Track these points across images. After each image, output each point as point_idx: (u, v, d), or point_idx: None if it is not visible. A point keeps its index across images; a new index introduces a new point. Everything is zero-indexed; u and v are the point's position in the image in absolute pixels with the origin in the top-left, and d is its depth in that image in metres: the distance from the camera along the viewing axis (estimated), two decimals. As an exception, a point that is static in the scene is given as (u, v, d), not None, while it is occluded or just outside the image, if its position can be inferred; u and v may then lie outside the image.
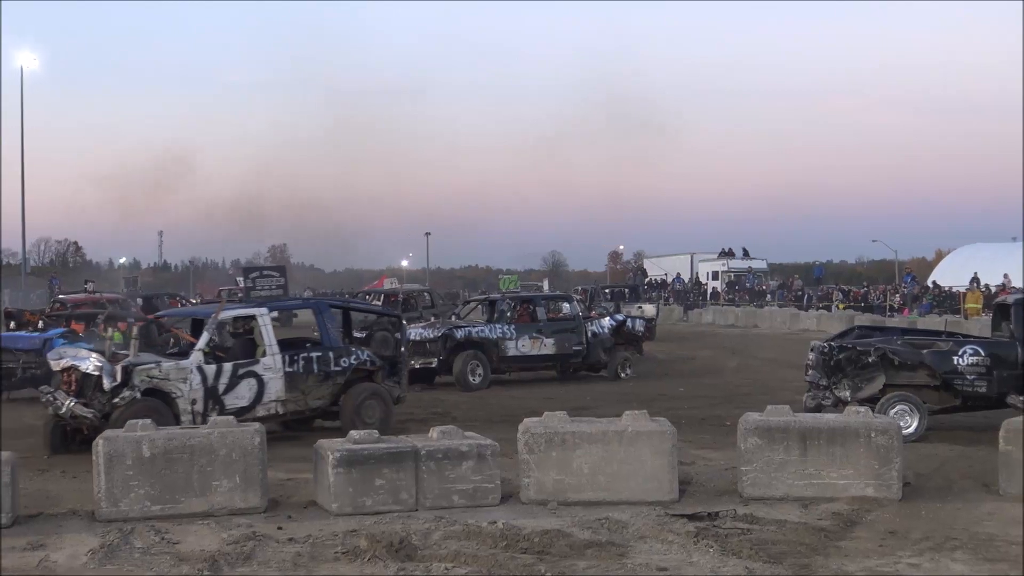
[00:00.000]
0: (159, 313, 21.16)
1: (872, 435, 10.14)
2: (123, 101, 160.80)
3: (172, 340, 17.64)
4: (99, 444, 9.55)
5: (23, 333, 21.38)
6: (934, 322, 36.09)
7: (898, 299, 48.19)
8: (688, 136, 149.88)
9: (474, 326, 23.23)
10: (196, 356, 14.46)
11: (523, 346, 23.29)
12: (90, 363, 14.04)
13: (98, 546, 8.53)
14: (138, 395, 13.83)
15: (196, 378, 14.30)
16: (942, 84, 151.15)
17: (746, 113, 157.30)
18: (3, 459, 9.36)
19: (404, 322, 18.86)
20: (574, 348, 24.11)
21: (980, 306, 40.17)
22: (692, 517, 9.43)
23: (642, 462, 10.12)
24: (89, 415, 13.62)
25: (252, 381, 14.74)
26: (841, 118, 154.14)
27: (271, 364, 14.93)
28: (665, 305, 52.11)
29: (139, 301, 30.92)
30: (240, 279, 52.90)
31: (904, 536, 8.87)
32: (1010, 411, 13.40)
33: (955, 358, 14.45)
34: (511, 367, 23.53)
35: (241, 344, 15.48)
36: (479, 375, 22.32)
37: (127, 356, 14.36)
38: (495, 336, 23.09)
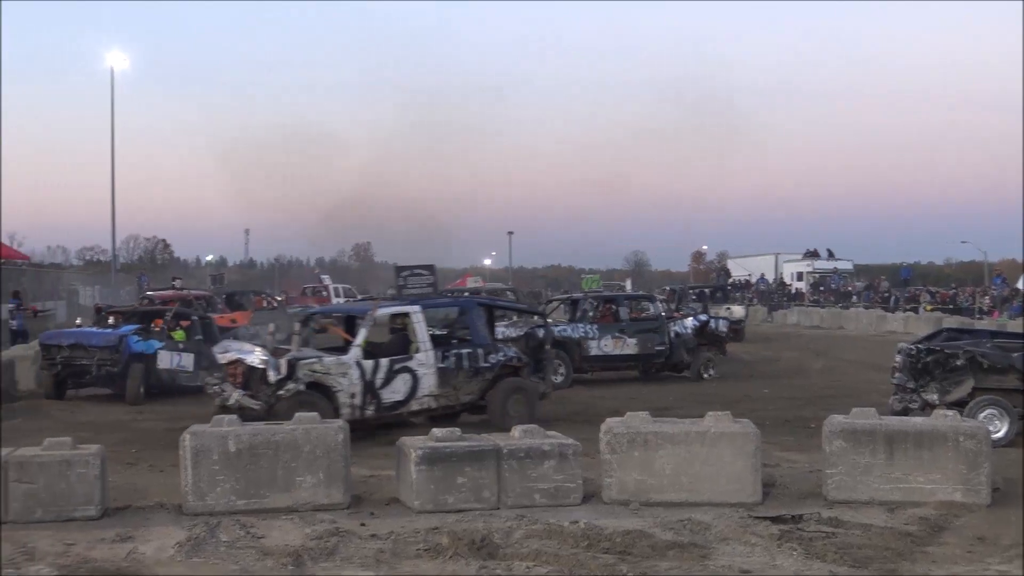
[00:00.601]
0: (314, 310, 21.40)
1: (960, 439, 9.97)
2: (211, 101, 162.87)
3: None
4: (186, 439, 9.68)
5: (97, 330, 21.44)
6: (1025, 325, 35.41)
7: (987, 301, 47.37)
8: (772, 135, 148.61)
9: (556, 325, 23.23)
10: (355, 352, 14.99)
11: (605, 346, 23.26)
12: (256, 357, 14.71)
13: (185, 539, 8.65)
14: (302, 388, 14.41)
15: (355, 373, 14.82)
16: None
17: (831, 111, 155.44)
18: (93, 452, 9.55)
19: (549, 320, 19.65)
20: (656, 348, 24.03)
21: (1074, 309, 39.36)
22: (776, 520, 9.35)
23: (725, 463, 10.05)
24: (256, 406, 14.10)
25: (407, 376, 15.25)
26: (929, 116, 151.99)
27: (424, 360, 15.45)
28: (749, 306, 51.72)
29: (224, 297, 31.21)
30: (324, 276, 53.53)
31: (993, 542, 8.72)
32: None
33: (1047, 362, 14.17)
34: (593, 367, 23.51)
35: (395, 340, 15.97)
36: (561, 374, 22.27)
37: (289, 351, 15.05)
38: (577, 335, 23.10)
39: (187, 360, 20.89)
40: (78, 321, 23.60)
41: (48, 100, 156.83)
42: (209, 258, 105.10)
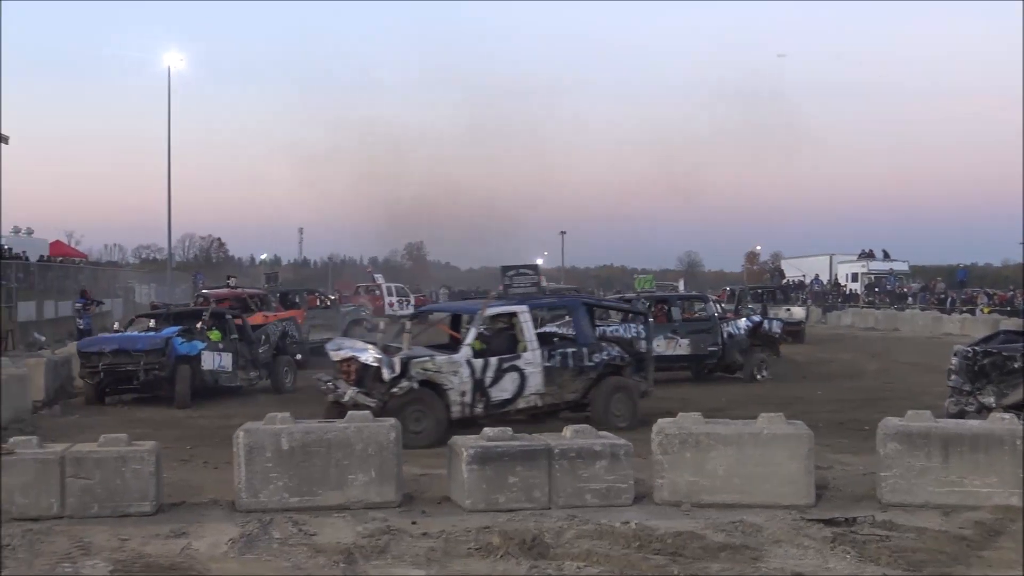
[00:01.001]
0: (421, 308, 21.43)
1: (1018, 443, 9.84)
2: (268, 100, 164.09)
3: (264, 337, 21.96)
4: (239, 436, 9.75)
5: (141, 333, 20.78)
6: (1084, 327, 34.94)
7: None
8: (828, 134, 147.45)
9: (609, 325, 23.17)
10: (466, 351, 15.33)
11: (657, 346, 23.17)
12: (369, 355, 15.02)
13: (238, 535, 8.73)
14: (415, 386, 14.72)
15: (466, 371, 15.13)
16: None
17: (886, 111, 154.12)
18: (148, 449, 9.65)
19: (650, 319, 19.97)
20: (709, 349, 23.93)
21: None
22: (829, 522, 9.29)
23: (778, 465, 10.00)
24: (371, 403, 14.18)
25: (515, 375, 15.52)
26: (985, 115, 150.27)
27: (532, 359, 15.72)
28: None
29: (277, 296, 31.42)
30: (377, 275, 53.74)
31: (1050, 547, 8.61)
32: None
33: (1107, 365, 13.98)
34: (645, 367, 23.41)
35: (503, 339, 16.05)
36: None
37: (399, 349, 15.31)
38: (629, 336, 23.01)
39: (227, 360, 20.76)
40: (115, 326, 22.91)
41: (106, 100, 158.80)
42: (263, 257, 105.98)
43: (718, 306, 29.20)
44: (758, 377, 23.89)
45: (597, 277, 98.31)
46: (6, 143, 35.30)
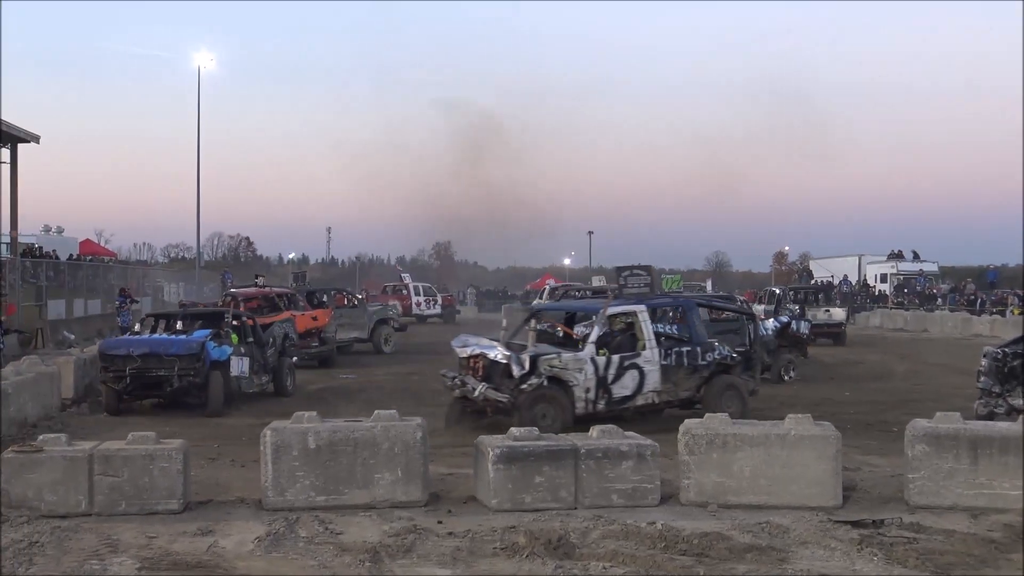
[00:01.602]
0: (541, 306, 21.39)
1: (1047, 445, 9.79)
2: (296, 101, 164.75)
3: (272, 339, 20.95)
4: (266, 435, 9.79)
5: (174, 337, 19.04)
6: (1115, 329, 34.69)
7: (1077, 304, 46.45)
8: (857, 135, 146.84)
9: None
10: (590, 348, 15.69)
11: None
12: (499, 352, 15.42)
13: (264, 534, 8.76)
14: (545, 382, 15.10)
15: (590, 368, 15.49)
16: None
17: (916, 111, 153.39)
18: (175, 447, 9.69)
19: (758, 319, 20.26)
20: (736, 349, 23.82)
21: None
22: (856, 524, 9.25)
23: (805, 466, 9.96)
24: (504, 399, 14.93)
25: (635, 372, 15.87)
26: (1014, 114, 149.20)
27: (650, 357, 16.08)
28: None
29: (305, 295, 31.48)
30: (405, 275, 53.79)
31: (1080, 551, 8.55)
32: None
33: None
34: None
35: (622, 338, 16.39)
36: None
37: (522, 346, 15.82)
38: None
39: (246, 365, 19.69)
40: (136, 328, 20.99)
41: (137, 100, 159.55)
42: (291, 256, 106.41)
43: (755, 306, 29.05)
44: (786, 378, 23.76)
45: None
46: (36, 142, 35.48)
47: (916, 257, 65.80)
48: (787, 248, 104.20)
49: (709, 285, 59.89)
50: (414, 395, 20.75)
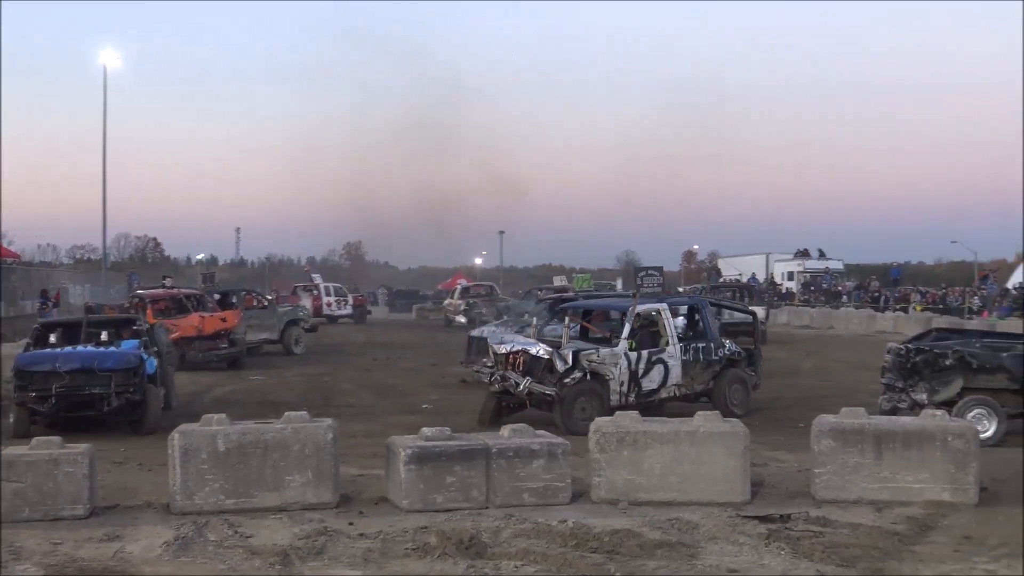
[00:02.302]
0: (564, 304, 21.35)
1: (949, 439, 10.00)
2: (205, 100, 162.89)
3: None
4: (175, 438, 9.67)
5: (106, 349, 16.93)
6: (1014, 325, 35.41)
7: (977, 301, 47.47)
8: (764, 134, 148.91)
9: (547, 325, 23.17)
10: (623, 344, 16.55)
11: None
12: (541, 348, 16.20)
13: (172, 538, 8.64)
14: (588, 376, 15.92)
15: (624, 363, 16.34)
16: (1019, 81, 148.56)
17: (823, 111, 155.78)
18: (81, 451, 9.53)
19: (758, 318, 21.73)
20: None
21: (1063, 309, 39.48)
22: (764, 519, 9.36)
23: (714, 463, 10.07)
24: (551, 391, 15.65)
25: (661, 367, 16.80)
26: (920, 116, 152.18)
27: (673, 352, 17.03)
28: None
29: (214, 296, 31.15)
30: (315, 275, 53.43)
31: (980, 542, 8.74)
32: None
33: (1035, 361, 14.21)
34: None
35: (644, 334, 17.19)
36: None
37: (557, 343, 16.49)
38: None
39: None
40: (28, 341, 18.12)
41: (40, 99, 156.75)
42: (200, 257, 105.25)
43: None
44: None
45: (535, 276, 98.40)
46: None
47: (822, 255, 66.88)
48: (696, 247, 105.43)
49: (619, 284, 60.32)
50: (325, 396, 20.66)
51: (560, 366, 15.75)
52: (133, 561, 8.17)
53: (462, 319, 42.94)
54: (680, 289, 58.99)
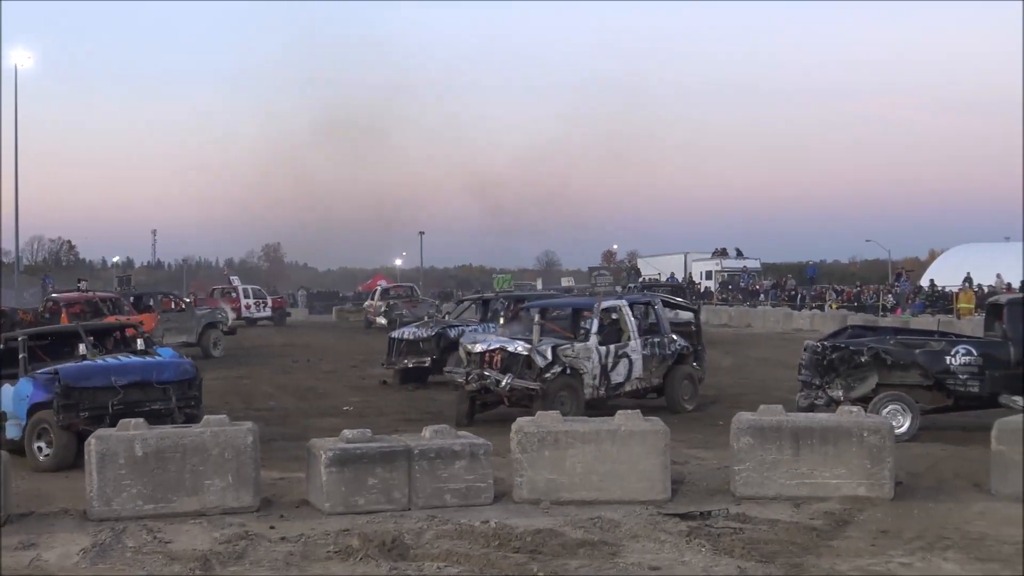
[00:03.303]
0: (543, 303, 21.06)
1: (864, 434, 10.15)
2: (119, 99, 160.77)
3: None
4: (91, 443, 9.56)
5: (162, 359, 14.88)
6: (927, 322, 36.07)
7: (891, 299, 48.24)
8: (681, 134, 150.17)
9: (467, 325, 23.18)
10: (594, 339, 16.96)
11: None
12: (520, 345, 16.43)
13: (90, 545, 8.55)
14: (568, 371, 16.26)
15: (596, 357, 16.82)
16: (935, 83, 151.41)
17: (738, 112, 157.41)
18: (-5, 458, 9.37)
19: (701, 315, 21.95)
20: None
21: (972, 306, 40.27)
22: (684, 516, 9.45)
23: (635, 461, 10.13)
24: (534, 386, 15.93)
25: (626, 361, 17.30)
26: (834, 117, 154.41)
27: (636, 347, 17.54)
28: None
29: (131, 299, 30.76)
30: (234, 277, 52.91)
31: (896, 535, 8.88)
32: (1002, 411, 13.40)
33: (947, 358, 14.44)
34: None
35: (609, 330, 17.54)
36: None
37: (527, 340, 16.57)
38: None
39: None
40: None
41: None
42: (116, 259, 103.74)
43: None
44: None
45: (455, 277, 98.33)
46: None
47: (739, 254, 67.53)
48: (616, 246, 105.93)
49: (539, 284, 60.49)
50: (244, 399, 20.46)
51: (540, 361, 16.06)
52: (49, 569, 8.07)
53: (383, 320, 42.70)
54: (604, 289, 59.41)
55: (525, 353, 16.23)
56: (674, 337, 18.39)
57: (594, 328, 17.08)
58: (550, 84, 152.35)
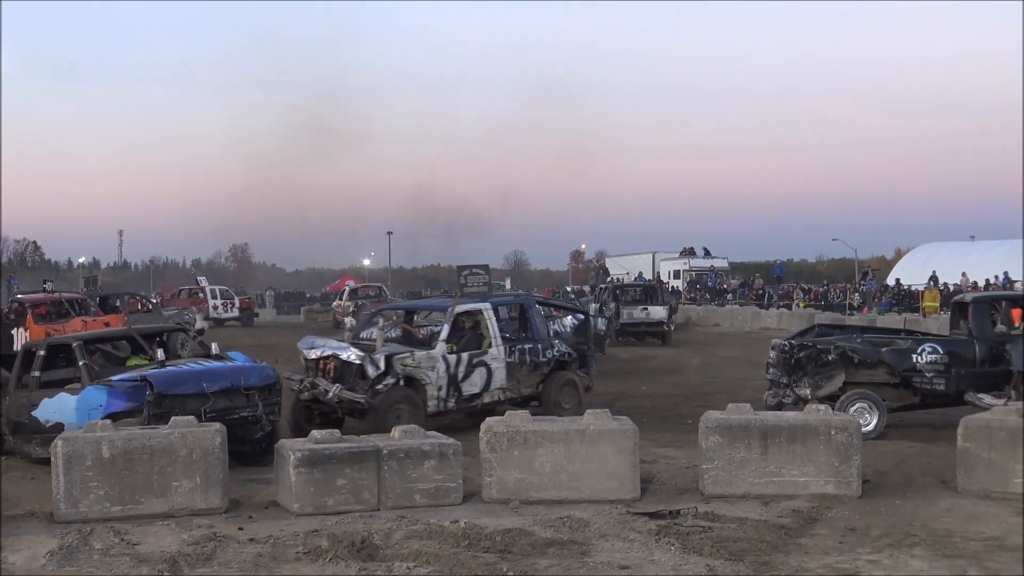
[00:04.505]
0: (388, 306, 20.64)
1: (832, 433, 10.21)
2: (84, 100, 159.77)
3: None
4: (58, 445, 9.50)
5: (248, 364, 14.17)
6: (893, 320, 36.32)
7: (857, 297, 48.51)
8: (649, 135, 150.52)
9: (435, 325, 23.12)
10: (441, 346, 15.72)
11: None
12: (352, 353, 15.12)
13: (57, 548, 8.49)
14: (401, 382, 15.00)
15: (442, 366, 15.52)
16: (900, 83, 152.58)
17: (707, 112, 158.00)
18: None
19: (590, 318, 20.29)
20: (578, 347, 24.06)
21: (938, 304, 40.54)
22: (654, 515, 9.47)
23: (604, 461, 10.15)
24: (360, 399, 14.57)
25: (483, 370, 16.00)
26: (801, 117, 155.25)
27: (497, 355, 16.24)
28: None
29: (97, 300, 30.57)
30: (201, 278, 52.67)
31: (864, 533, 8.94)
32: (968, 408, 13.49)
33: (914, 356, 14.54)
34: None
35: (469, 336, 16.45)
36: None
37: (371, 346, 15.47)
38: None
39: None
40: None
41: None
42: (81, 260, 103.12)
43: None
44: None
45: (424, 277, 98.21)
46: None
47: (707, 254, 67.70)
48: (584, 246, 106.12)
49: (508, 283, 60.49)
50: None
51: (372, 371, 14.76)
52: (16, 571, 8.02)
53: (351, 320, 42.65)
54: (568, 288, 59.52)
55: (358, 362, 14.94)
56: (553, 342, 17.29)
57: (443, 334, 15.85)
58: (514, 81, 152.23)
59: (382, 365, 14.85)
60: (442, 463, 9.99)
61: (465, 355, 15.88)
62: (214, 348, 14.71)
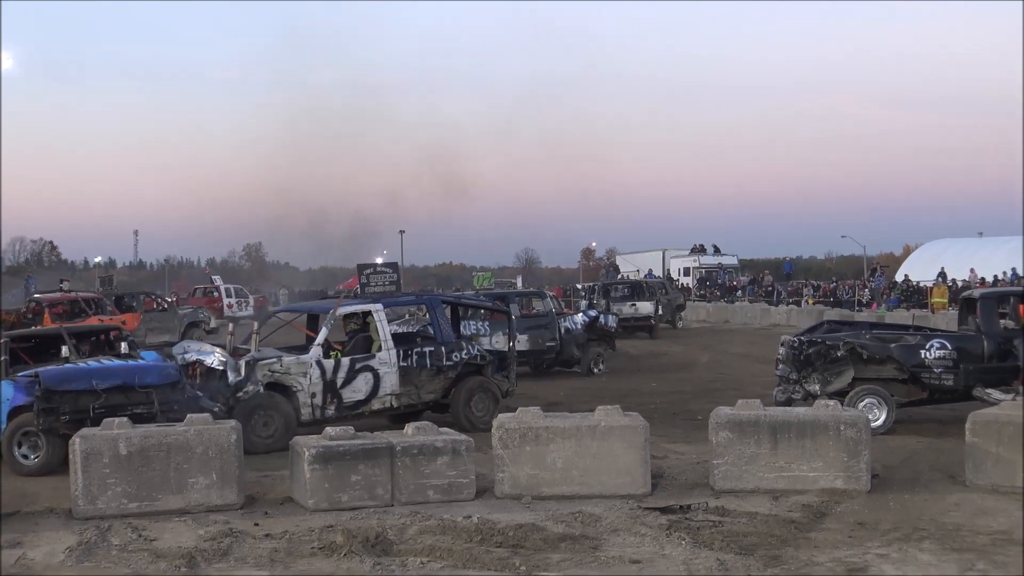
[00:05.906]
0: (277, 309, 20.11)
1: (841, 428, 10.28)
2: (100, 100, 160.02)
3: None
4: (76, 442, 9.60)
5: (143, 362, 14.34)
6: (902, 317, 36.32)
7: (867, 294, 48.47)
8: (660, 132, 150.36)
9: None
10: (316, 351, 14.86)
11: (497, 343, 23.21)
12: (215, 358, 14.44)
13: (75, 544, 8.58)
14: (261, 389, 14.25)
15: (316, 372, 14.70)
16: (909, 79, 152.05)
17: (717, 110, 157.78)
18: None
19: (513, 318, 18.99)
20: (547, 344, 24.08)
21: (946, 300, 40.54)
22: (664, 510, 9.55)
23: (615, 456, 10.23)
24: (214, 408, 13.35)
25: (368, 375, 15.10)
26: (811, 114, 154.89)
27: (386, 359, 15.30)
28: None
29: (113, 299, 30.71)
30: (215, 277, 52.81)
31: (873, 527, 9.01)
32: (976, 404, 13.54)
33: (922, 352, 14.58)
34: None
35: (358, 340, 15.72)
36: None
37: (248, 351, 14.79)
38: (469, 332, 23.05)
39: None
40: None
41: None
42: (97, 260, 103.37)
43: (556, 302, 29.41)
44: (595, 371, 24.21)
45: (437, 275, 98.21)
46: None
47: (717, 251, 67.63)
48: (594, 244, 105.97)
49: (519, 281, 60.48)
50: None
51: (232, 377, 14.13)
52: (35, 568, 8.11)
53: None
54: (579, 286, 59.48)
55: (221, 368, 14.31)
56: (463, 344, 16.43)
57: (319, 338, 15.01)
58: (524, 79, 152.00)
59: (243, 371, 14.22)
60: (455, 459, 10.08)
61: (346, 360, 15.04)
62: (123, 348, 15.02)
